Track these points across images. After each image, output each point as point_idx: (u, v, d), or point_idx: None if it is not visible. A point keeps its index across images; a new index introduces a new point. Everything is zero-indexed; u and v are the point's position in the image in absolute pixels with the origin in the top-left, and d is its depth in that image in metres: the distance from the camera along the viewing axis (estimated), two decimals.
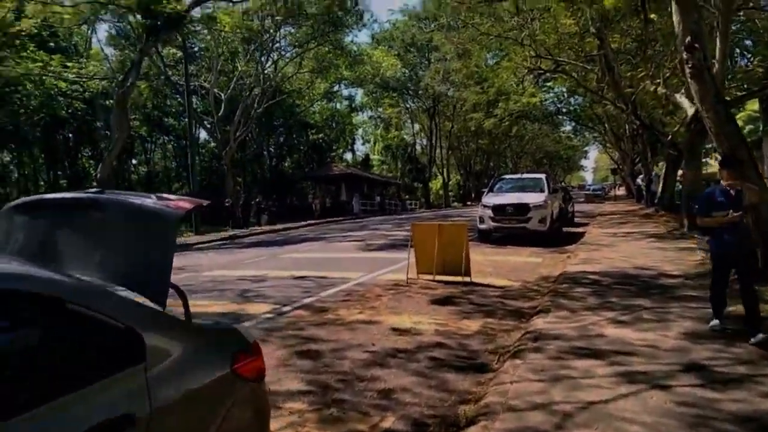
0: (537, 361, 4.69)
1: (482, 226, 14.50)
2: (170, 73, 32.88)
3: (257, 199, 31.34)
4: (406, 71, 49.82)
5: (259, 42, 31.02)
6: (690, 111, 14.25)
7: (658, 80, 16.17)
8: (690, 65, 6.67)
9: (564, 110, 46.95)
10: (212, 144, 39.62)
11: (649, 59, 16.99)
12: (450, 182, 63.01)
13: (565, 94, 41.12)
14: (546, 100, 41.63)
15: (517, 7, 21.02)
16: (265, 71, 32.86)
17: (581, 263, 10.02)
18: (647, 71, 16.21)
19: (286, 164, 47.92)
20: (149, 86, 34.58)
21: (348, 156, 59.93)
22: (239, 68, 32.54)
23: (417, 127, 59.23)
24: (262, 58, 32.19)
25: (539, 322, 5.99)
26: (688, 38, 6.66)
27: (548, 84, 31.74)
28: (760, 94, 14.51)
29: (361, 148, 66.60)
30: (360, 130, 62.75)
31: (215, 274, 10.67)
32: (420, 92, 49.70)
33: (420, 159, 60.23)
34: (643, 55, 16.62)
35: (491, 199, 14.75)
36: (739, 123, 29.56)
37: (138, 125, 36.29)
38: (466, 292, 8.16)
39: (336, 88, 47.14)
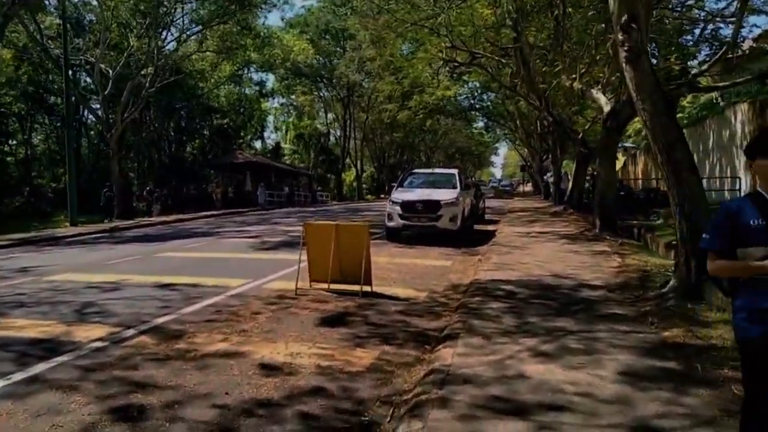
0: (443, 423, 3.43)
1: (390, 224, 13.32)
2: (51, 45, 29.12)
3: (148, 188, 28.50)
4: (320, 58, 48.04)
5: (154, 16, 28.12)
6: (606, 107, 13.80)
7: (574, 75, 15.67)
8: (626, 48, 5.73)
9: (477, 106, 47.24)
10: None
11: (565, 54, 16.51)
12: (364, 174, 61.97)
13: (479, 90, 41.25)
14: (461, 95, 41.54)
15: None
16: (163, 49, 29.96)
17: (494, 269, 9.02)
18: (563, 65, 15.69)
19: (188, 150, 44.66)
20: (27, 59, 30.58)
21: (258, 144, 57.25)
22: (132, 43, 29.43)
23: (331, 116, 57.58)
24: (157, 34, 29.23)
25: (447, 355, 4.76)
26: (625, 16, 5.70)
27: (464, 77, 31.25)
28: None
29: (272, 137, 64.04)
30: (271, 118, 60.25)
31: (61, 280, 8.68)
32: (334, 81, 48.09)
33: (334, 150, 58.66)
34: (560, 50, 16.13)
35: (400, 195, 13.59)
36: (638, 126, 30.45)
37: (10, 101, 32.05)
38: (364, 306, 6.84)
39: (244, 71, 44.50)
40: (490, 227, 17.26)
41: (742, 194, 21.56)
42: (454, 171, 15.34)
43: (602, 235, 13.53)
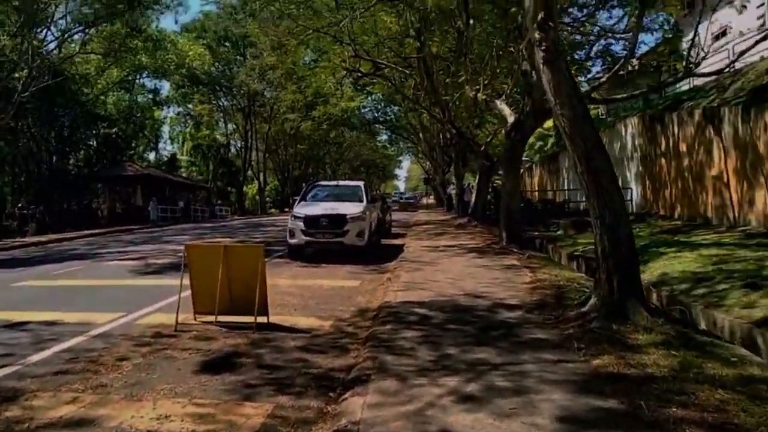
0: None
1: (293, 241, 12.34)
2: None
3: (20, 204, 25.41)
4: (219, 66, 45.96)
5: (30, 12, 25.25)
6: (510, 119, 13.68)
7: (477, 86, 15.56)
8: (543, 48, 5.26)
9: (381, 119, 47.25)
10: None
11: (468, 65, 16.44)
12: (267, 187, 60.03)
13: (383, 103, 41.20)
14: (365, 107, 41.29)
15: (337, 2, 19.39)
16: (40, 49, 27.02)
17: (405, 288, 8.33)
18: (466, 75, 15.55)
19: (72, 162, 40.75)
20: None
21: (153, 156, 53.68)
22: (3, 42, 26.25)
23: (232, 126, 55.29)
24: (33, 32, 26.31)
25: (356, 406, 3.93)
26: (542, 14, 5.23)
27: (368, 89, 30.85)
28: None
29: (168, 148, 60.34)
30: (166, 128, 56.86)
31: None
32: (234, 90, 46.15)
33: (235, 161, 56.29)
34: (463, 60, 16.00)
35: (303, 209, 12.66)
36: (531, 140, 31.50)
37: None
38: (257, 343, 5.85)
39: (136, 77, 41.49)
40: (397, 241, 16.72)
41: (634, 203, 22.71)
42: (360, 183, 14.67)
43: (509, 247, 13.36)
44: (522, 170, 38.11)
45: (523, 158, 38.90)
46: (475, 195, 23.78)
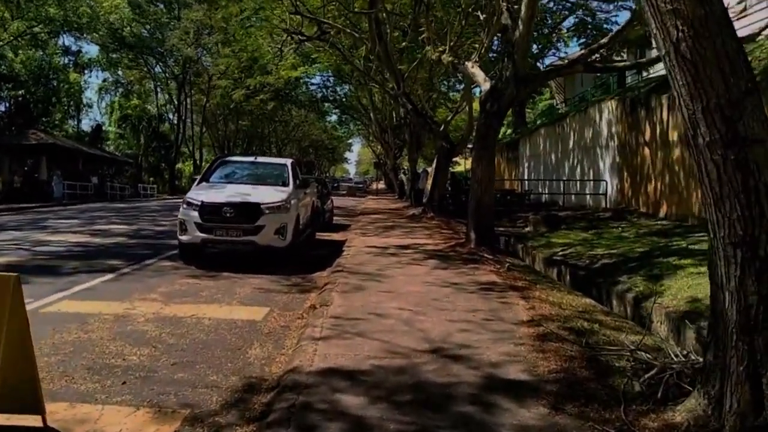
0: None
1: (184, 238, 8.78)
2: None
3: None
4: (149, 28, 40.91)
5: None
6: (485, 85, 10.54)
7: (442, 47, 12.35)
8: None
9: (330, 98, 43.58)
10: None
11: (431, 20, 13.20)
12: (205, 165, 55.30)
13: (331, 80, 37.62)
14: (312, 83, 37.55)
15: None
16: None
17: (332, 334, 5.03)
18: (428, 33, 12.32)
19: None
20: None
21: (73, 125, 47.85)
22: None
23: (165, 97, 50.12)
24: None
25: None
26: None
27: (313, 57, 27.03)
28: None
29: (99, 118, 54.22)
30: (92, 95, 51.17)
31: None
32: (166, 54, 41.25)
33: (169, 136, 51.19)
34: (424, 13, 12.75)
35: (201, 193, 9.08)
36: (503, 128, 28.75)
37: None
38: None
39: (51, 36, 35.96)
40: (338, 236, 13.47)
41: (608, 198, 20.18)
42: (286, 161, 10.92)
43: (479, 251, 10.31)
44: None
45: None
46: (431, 182, 20.66)
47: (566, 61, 11.69)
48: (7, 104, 37.12)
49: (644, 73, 21.73)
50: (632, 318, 7.33)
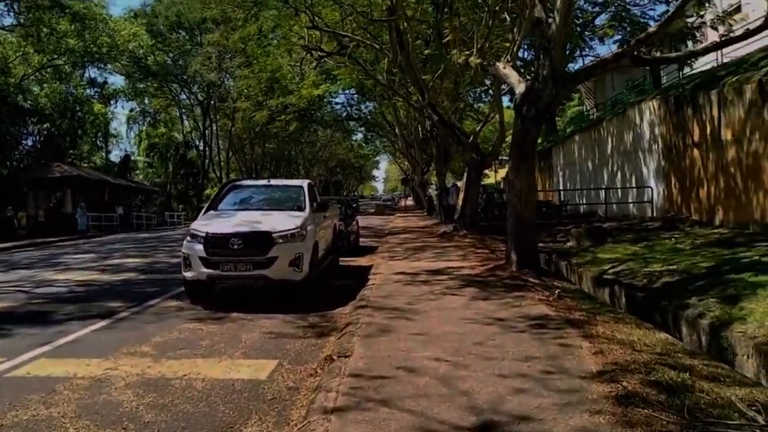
0: None
1: (189, 275, 7.79)
2: None
3: None
4: (172, 55, 41.06)
5: None
6: (519, 87, 9.40)
7: (468, 50, 11.28)
8: None
9: (355, 116, 43.04)
10: None
11: (455, 23, 12.17)
12: None
13: (355, 98, 37.03)
14: (336, 102, 37.00)
15: None
16: None
17: (349, 408, 3.84)
18: (453, 36, 11.28)
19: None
20: None
21: (102, 156, 48.19)
22: None
23: (191, 124, 50.27)
24: None
25: None
26: None
27: (333, 74, 26.32)
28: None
29: (127, 148, 54.68)
30: (120, 126, 51.73)
31: None
32: (189, 80, 41.28)
33: (196, 162, 51.22)
34: (448, 16, 11.74)
35: (207, 224, 8.11)
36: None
37: None
38: None
39: (74, 67, 36.20)
40: (364, 260, 12.41)
41: (654, 206, 18.66)
42: (302, 183, 9.84)
43: (522, 275, 9.10)
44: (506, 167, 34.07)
45: (505, 158, 34.64)
46: (462, 196, 19.45)
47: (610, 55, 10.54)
48: (35, 138, 37.44)
49: (686, 69, 20.24)
50: (708, 350, 6.06)
